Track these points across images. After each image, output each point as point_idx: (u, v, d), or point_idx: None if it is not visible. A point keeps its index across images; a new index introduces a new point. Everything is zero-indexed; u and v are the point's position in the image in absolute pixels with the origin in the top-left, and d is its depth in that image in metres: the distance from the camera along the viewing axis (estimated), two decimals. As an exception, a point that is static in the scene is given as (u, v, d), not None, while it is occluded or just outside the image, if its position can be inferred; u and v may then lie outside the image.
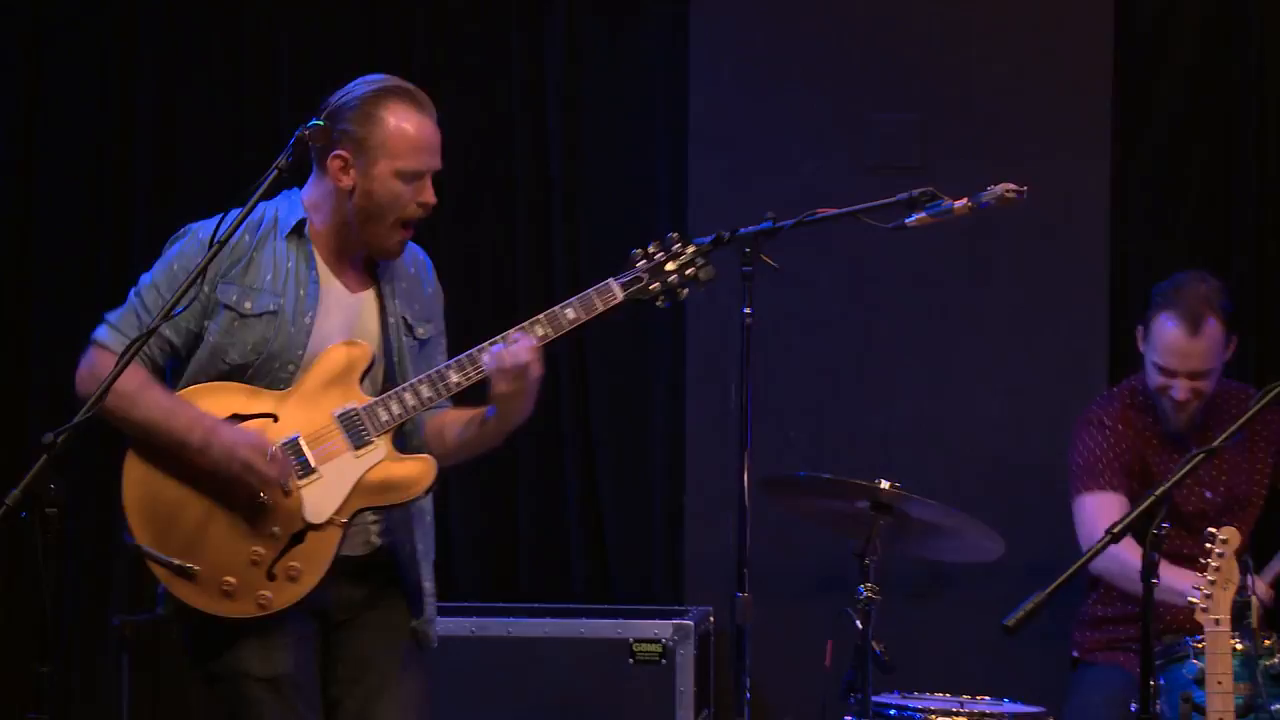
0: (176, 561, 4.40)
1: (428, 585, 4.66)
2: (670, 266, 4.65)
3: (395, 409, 4.46)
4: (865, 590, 5.29)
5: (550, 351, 4.63)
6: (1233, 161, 6.57)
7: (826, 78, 6.57)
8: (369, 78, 4.54)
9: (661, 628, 6.00)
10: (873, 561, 5.33)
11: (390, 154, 4.44)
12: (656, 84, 6.78)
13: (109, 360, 4.36)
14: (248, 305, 4.45)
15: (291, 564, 4.41)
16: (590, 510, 6.77)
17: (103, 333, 4.47)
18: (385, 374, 4.55)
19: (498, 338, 4.48)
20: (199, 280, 4.33)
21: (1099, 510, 5.76)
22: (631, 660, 5.99)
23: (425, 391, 4.47)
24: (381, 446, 4.46)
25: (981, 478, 6.02)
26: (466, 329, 4.83)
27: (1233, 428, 4.16)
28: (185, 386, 4.50)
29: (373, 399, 4.48)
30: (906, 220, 5.10)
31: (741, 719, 5.12)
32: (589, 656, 5.99)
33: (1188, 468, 4.13)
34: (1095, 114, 6.48)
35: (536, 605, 6.22)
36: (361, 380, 4.49)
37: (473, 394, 4.55)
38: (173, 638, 6.65)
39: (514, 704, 5.82)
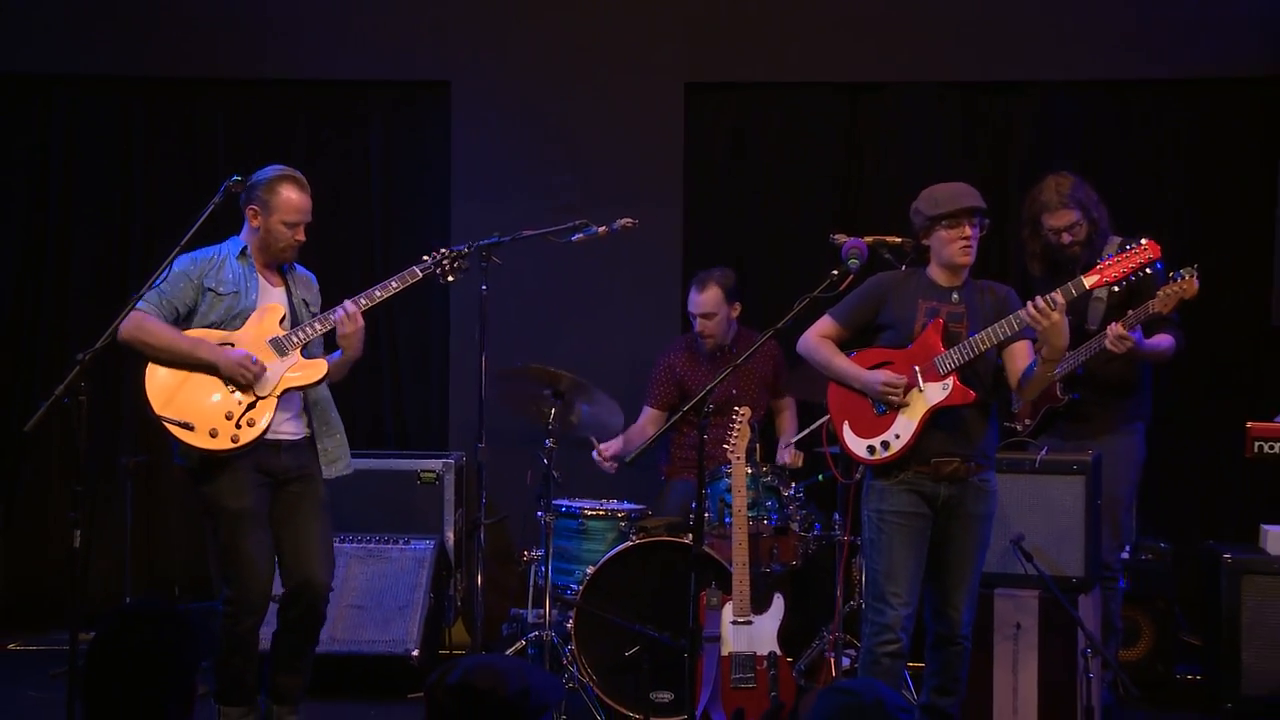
0: (180, 420, 4.40)
1: (330, 449, 4.69)
2: (446, 264, 4.74)
3: (301, 335, 4.53)
4: (549, 442, 5.32)
5: (378, 309, 4.72)
6: (758, 212, 6.58)
7: (532, 157, 6.51)
8: (276, 168, 4.57)
9: (435, 464, 5.93)
10: (554, 426, 5.38)
11: (281, 213, 4.53)
12: (432, 160, 6.69)
13: (140, 318, 4.42)
14: (221, 290, 4.51)
15: (250, 417, 4.45)
16: (395, 392, 6.71)
17: (140, 304, 4.42)
18: (292, 324, 4.60)
19: (337, 306, 4.58)
20: (190, 278, 4.49)
21: (644, 417, 5.88)
22: (418, 482, 5.93)
23: (318, 326, 4.56)
24: (294, 354, 4.53)
25: (613, 381, 6.09)
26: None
27: (745, 354, 4.35)
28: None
29: (287, 331, 4.55)
30: (573, 238, 5.19)
31: (481, 515, 5.18)
32: (394, 481, 5.90)
33: (721, 377, 4.29)
34: (672, 179, 6.47)
35: (364, 451, 6.10)
36: (280, 323, 4.56)
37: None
38: (161, 473, 6.53)
39: (353, 509, 5.77)
